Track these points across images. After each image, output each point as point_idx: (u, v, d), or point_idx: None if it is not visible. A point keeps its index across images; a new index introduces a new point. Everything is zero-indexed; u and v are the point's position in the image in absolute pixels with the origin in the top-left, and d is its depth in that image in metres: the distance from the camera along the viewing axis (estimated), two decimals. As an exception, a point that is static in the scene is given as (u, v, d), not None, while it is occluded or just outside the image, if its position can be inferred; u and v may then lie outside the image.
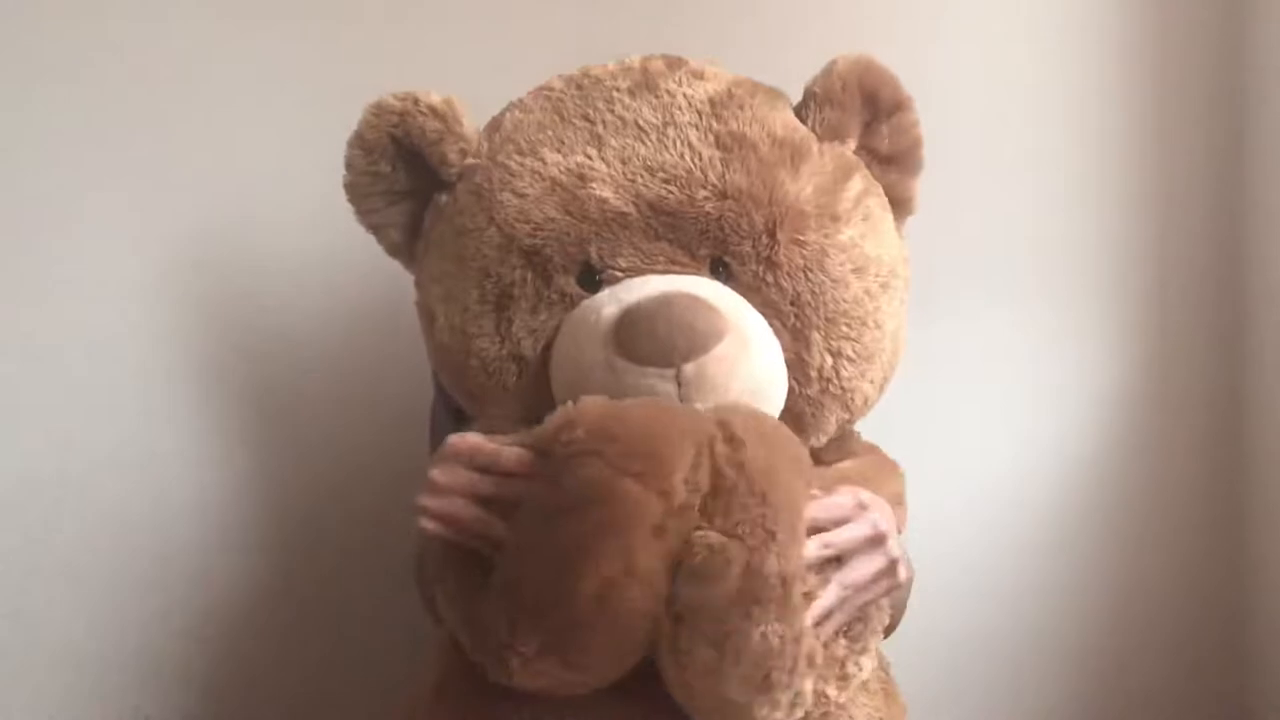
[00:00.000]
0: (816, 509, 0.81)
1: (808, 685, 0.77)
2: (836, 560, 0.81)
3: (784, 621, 0.74)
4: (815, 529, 0.80)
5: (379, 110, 0.92)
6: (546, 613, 0.75)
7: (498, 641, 0.77)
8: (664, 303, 0.81)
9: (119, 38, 1.18)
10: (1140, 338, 1.28)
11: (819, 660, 0.78)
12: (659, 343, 0.79)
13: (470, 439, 0.82)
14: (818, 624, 0.79)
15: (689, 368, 0.80)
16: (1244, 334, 1.27)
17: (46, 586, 1.20)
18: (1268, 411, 1.25)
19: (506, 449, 0.80)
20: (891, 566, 0.84)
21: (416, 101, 0.91)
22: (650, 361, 0.80)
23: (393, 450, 1.13)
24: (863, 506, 0.84)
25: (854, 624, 0.84)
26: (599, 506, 0.74)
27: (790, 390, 0.87)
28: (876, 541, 0.83)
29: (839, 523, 0.82)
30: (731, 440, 0.76)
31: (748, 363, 0.82)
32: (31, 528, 1.19)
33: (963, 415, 1.27)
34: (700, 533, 0.74)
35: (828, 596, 0.80)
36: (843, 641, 0.83)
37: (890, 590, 0.85)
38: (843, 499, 0.83)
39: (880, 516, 0.84)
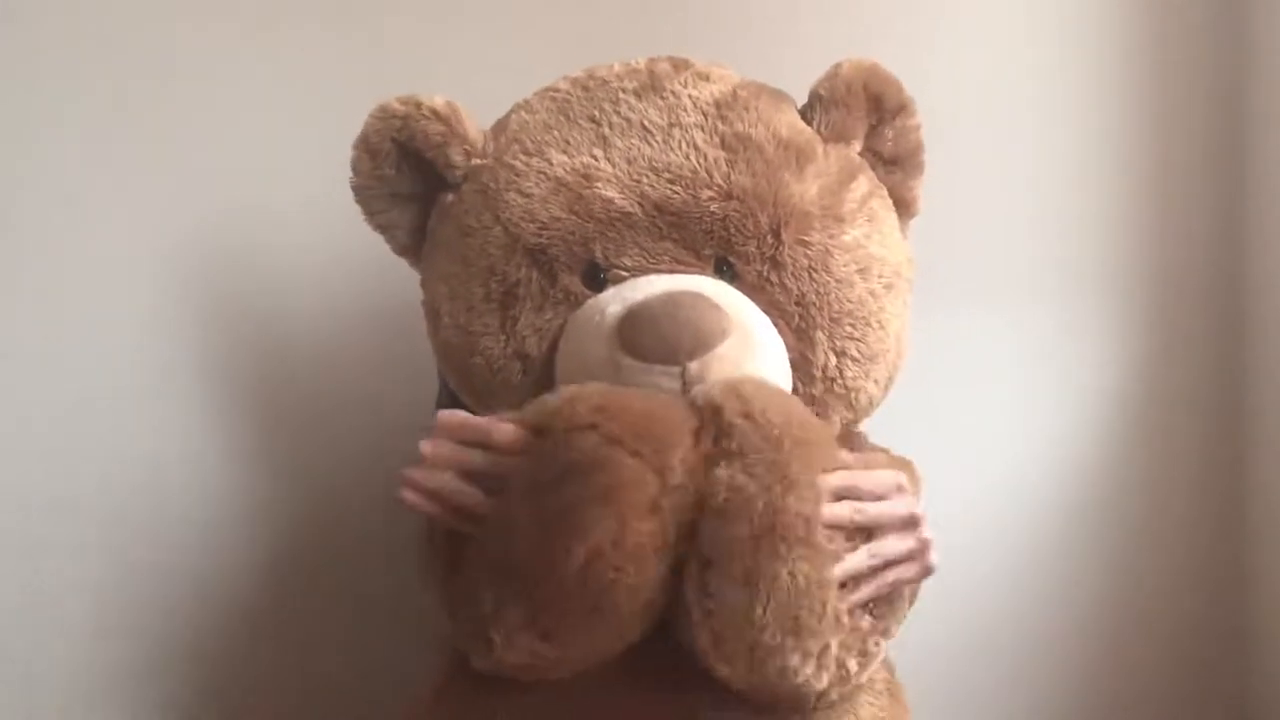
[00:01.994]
0: (858, 477, 0.81)
1: (834, 644, 0.77)
2: (868, 533, 0.81)
3: (810, 563, 0.75)
4: (853, 496, 0.81)
5: (382, 114, 0.93)
6: (531, 583, 0.75)
7: (479, 616, 0.77)
8: (669, 301, 0.81)
9: (122, 37, 1.18)
10: (1140, 337, 1.28)
11: (845, 625, 0.78)
12: (664, 341, 0.80)
13: (460, 414, 0.83)
14: (844, 586, 0.79)
15: (694, 366, 0.80)
16: (1244, 334, 1.27)
17: (49, 589, 1.19)
18: (1268, 411, 1.26)
19: (499, 425, 0.80)
20: (924, 549, 0.84)
21: (419, 105, 0.92)
22: (655, 359, 0.80)
23: (398, 451, 1.12)
24: (902, 489, 0.84)
25: (880, 602, 0.84)
26: (594, 475, 0.74)
27: (794, 390, 0.88)
28: (911, 523, 0.84)
29: (877, 497, 0.82)
30: (741, 395, 0.77)
31: (752, 361, 0.82)
32: (33, 529, 1.19)
33: (962, 415, 1.27)
34: (720, 472, 0.75)
35: (856, 558, 0.80)
36: (868, 617, 0.83)
37: (922, 575, 0.85)
38: (885, 476, 0.84)
39: (917, 503, 0.85)
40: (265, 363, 1.23)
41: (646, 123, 0.90)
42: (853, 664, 0.81)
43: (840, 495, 0.79)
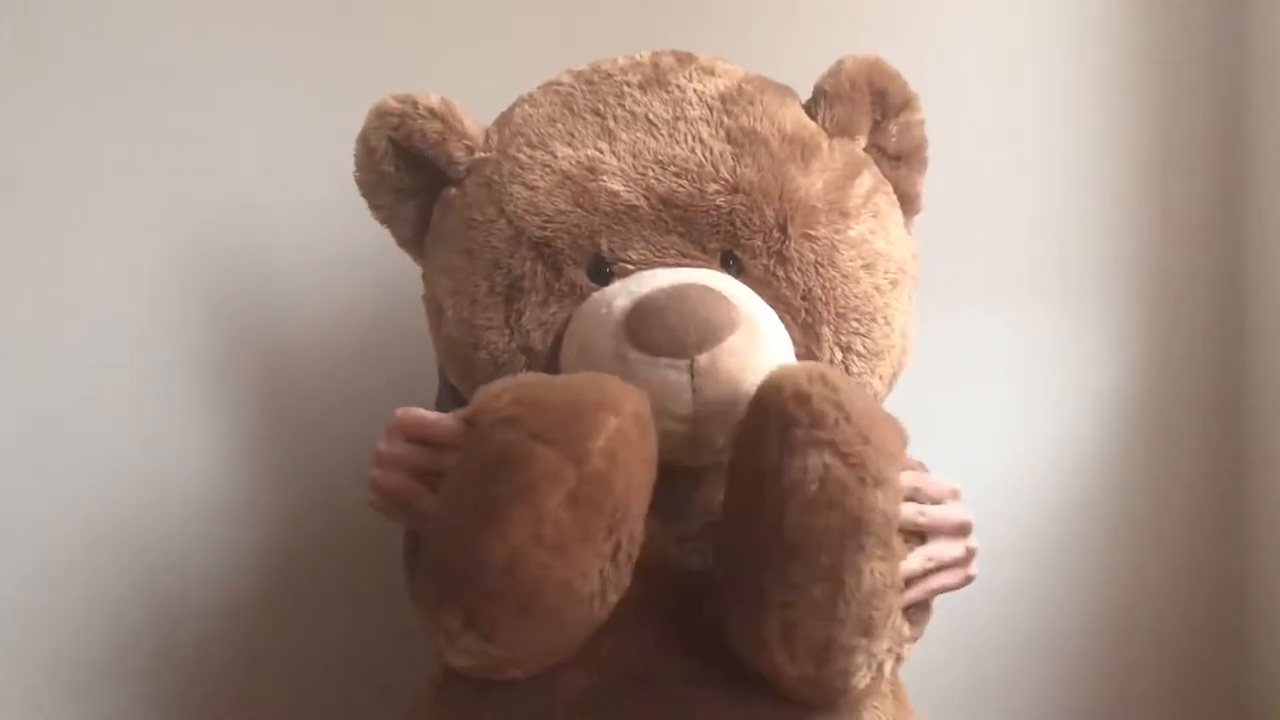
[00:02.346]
0: (920, 480, 0.82)
1: (884, 645, 0.77)
2: (920, 537, 0.82)
3: (887, 563, 0.74)
4: (919, 498, 0.81)
5: (379, 114, 0.92)
6: (462, 584, 0.74)
7: (430, 620, 0.76)
8: (677, 294, 0.81)
9: (121, 37, 1.18)
10: (1140, 337, 1.28)
11: (899, 628, 0.79)
12: (672, 333, 0.79)
13: (412, 411, 0.82)
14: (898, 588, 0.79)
15: (702, 359, 0.79)
16: (1244, 334, 1.28)
17: (49, 589, 1.19)
18: (1268, 411, 1.26)
19: (439, 420, 0.79)
20: (969, 557, 0.85)
21: (415, 104, 0.92)
22: (663, 352, 0.79)
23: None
24: (956, 494, 0.85)
25: (918, 608, 0.84)
26: (510, 472, 0.72)
27: (800, 385, 0.88)
28: (963, 530, 0.85)
29: (935, 501, 0.83)
30: (826, 383, 0.74)
31: (760, 354, 0.82)
32: (34, 529, 1.19)
33: (962, 415, 1.27)
34: (814, 461, 0.72)
35: (913, 560, 0.80)
36: (907, 623, 0.82)
37: (964, 583, 0.86)
38: (943, 482, 0.85)
39: (968, 511, 0.86)
40: (265, 361, 1.23)
41: (651, 116, 0.89)
42: (888, 667, 0.81)
43: (908, 496, 0.80)
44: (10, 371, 1.18)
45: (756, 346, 0.82)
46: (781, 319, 0.86)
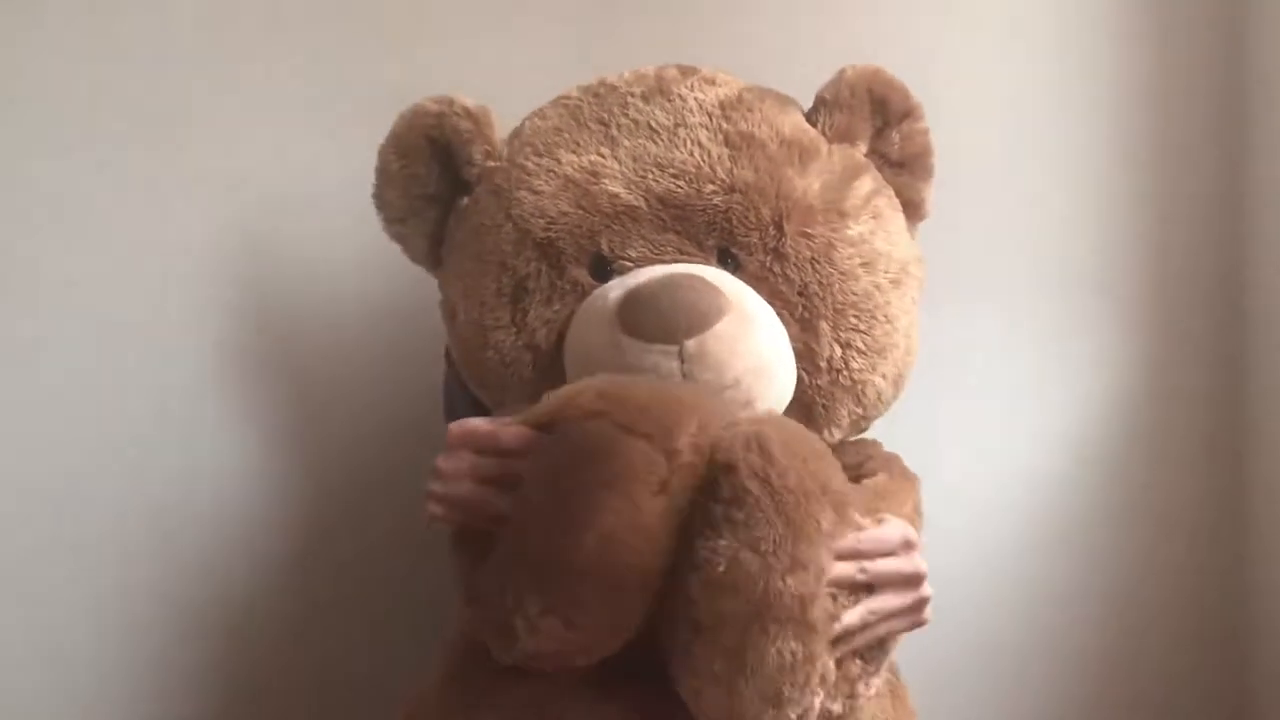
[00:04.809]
0: (863, 541, 0.81)
1: (816, 702, 0.77)
2: (869, 588, 0.81)
3: (800, 640, 0.74)
4: (860, 557, 0.81)
5: (417, 112, 0.97)
6: (549, 569, 0.76)
7: (502, 609, 0.78)
8: (668, 282, 0.84)
9: (133, 38, 1.19)
10: (1140, 337, 1.27)
11: (831, 679, 0.78)
12: (662, 319, 0.82)
13: (467, 424, 0.85)
14: (836, 640, 0.79)
15: (691, 344, 0.82)
16: (1244, 333, 1.26)
17: (52, 589, 1.21)
18: (1268, 410, 1.24)
19: (504, 428, 0.82)
20: (920, 605, 0.85)
21: (452, 103, 0.96)
22: (654, 338, 0.82)
23: (406, 452, 1.13)
24: (909, 545, 0.84)
25: (871, 648, 0.84)
26: (604, 460, 0.75)
27: (801, 380, 0.89)
28: (913, 582, 0.84)
29: (884, 555, 0.82)
30: (763, 453, 0.75)
31: (750, 340, 0.84)
32: (37, 530, 1.20)
33: (962, 415, 1.26)
34: (725, 543, 0.74)
35: (852, 615, 0.80)
36: (858, 662, 0.83)
37: (913, 627, 0.86)
38: (891, 534, 0.83)
39: (921, 558, 0.85)
40: (280, 364, 1.23)
41: (653, 123, 0.93)
42: (838, 707, 0.81)
43: (846, 557, 0.80)
44: (21, 371, 1.19)
45: (746, 332, 0.84)
46: (779, 315, 0.88)
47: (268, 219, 1.21)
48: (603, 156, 0.92)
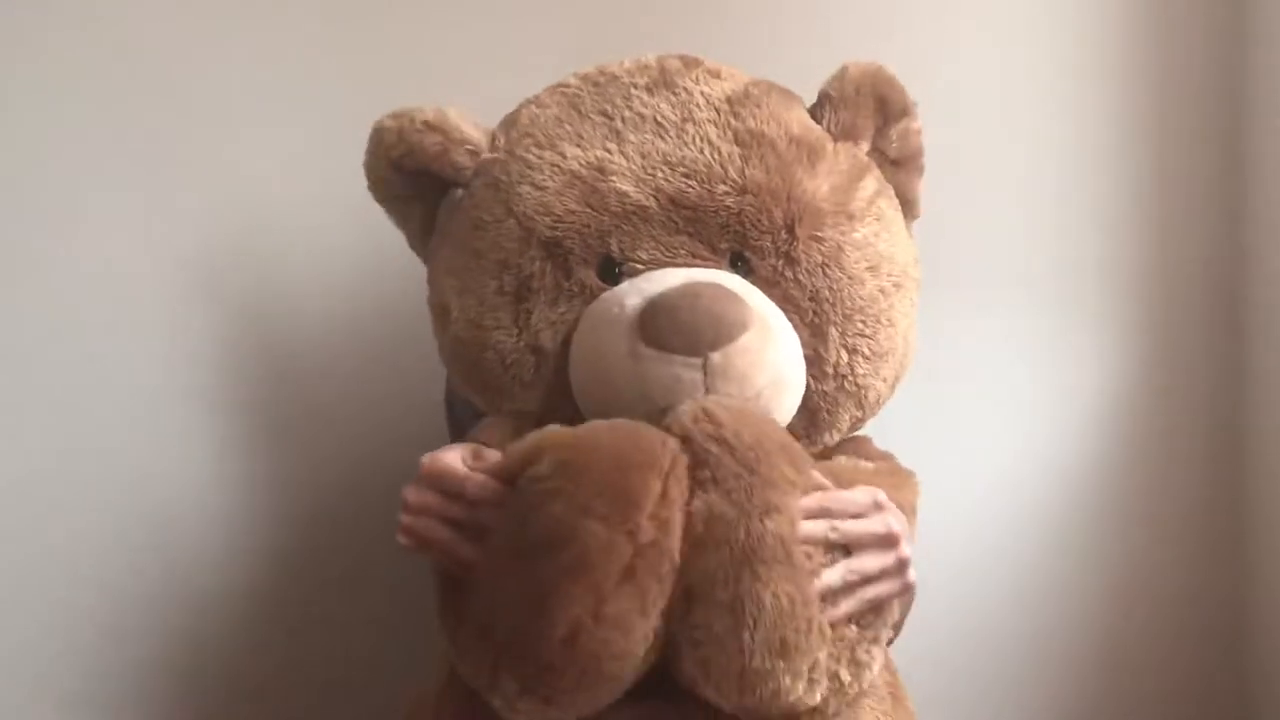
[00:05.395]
0: (830, 499, 0.81)
1: (823, 657, 0.77)
2: (845, 550, 0.81)
3: (792, 583, 0.75)
4: (828, 516, 0.80)
5: (377, 137, 0.92)
6: (520, 655, 0.75)
7: (483, 680, 0.77)
8: (691, 292, 0.81)
9: (127, 38, 1.18)
10: (1139, 338, 1.29)
11: (829, 633, 0.78)
12: (686, 331, 0.80)
13: (440, 462, 0.82)
14: (824, 599, 0.79)
15: (716, 357, 0.80)
16: (1244, 334, 1.28)
17: (50, 588, 1.19)
18: (1268, 412, 1.26)
19: (473, 477, 0.80)
20: (901, 566, 0.84)
21: (411, 120, 0.91)
22: (677, 350, 0.80)
23: (400, 456, 1.12)
24: (879, 506, 0.84)
25: (870, 614, 0.83)
26: (564, 549, 0.73)
27: (807, 386, 0.88)
28: (888, 541, 0.83)
29: (853, 515, 0.82)
30: (711, 419, 0.76)
31: (771, 353, 0.83)
32: (33, 530, 1.19)
33: (962, 415, 1.27)
34: (698, 503, 0.75)
35: (832, 574, 0.80)
36: (853, 627, 0.82)
37: (901, 591, 0.85)
38: (859, 495, 0.83)
39: (895, 519, 0.84)
40: (272, 366, 1.23)
41: (659, 118, 0.90)
42: (845, 674, 0.81)
43: (815, 515, 0.80)
44: (16, 372, 1.18)
45: (768, 345, 0.83)
46: (789, 319, 0.87)
47: (261, 218, 1.20)
48: (609, 152, 0.89)
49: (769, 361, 0.82)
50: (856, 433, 0.98)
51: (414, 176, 0.93)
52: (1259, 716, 1.30)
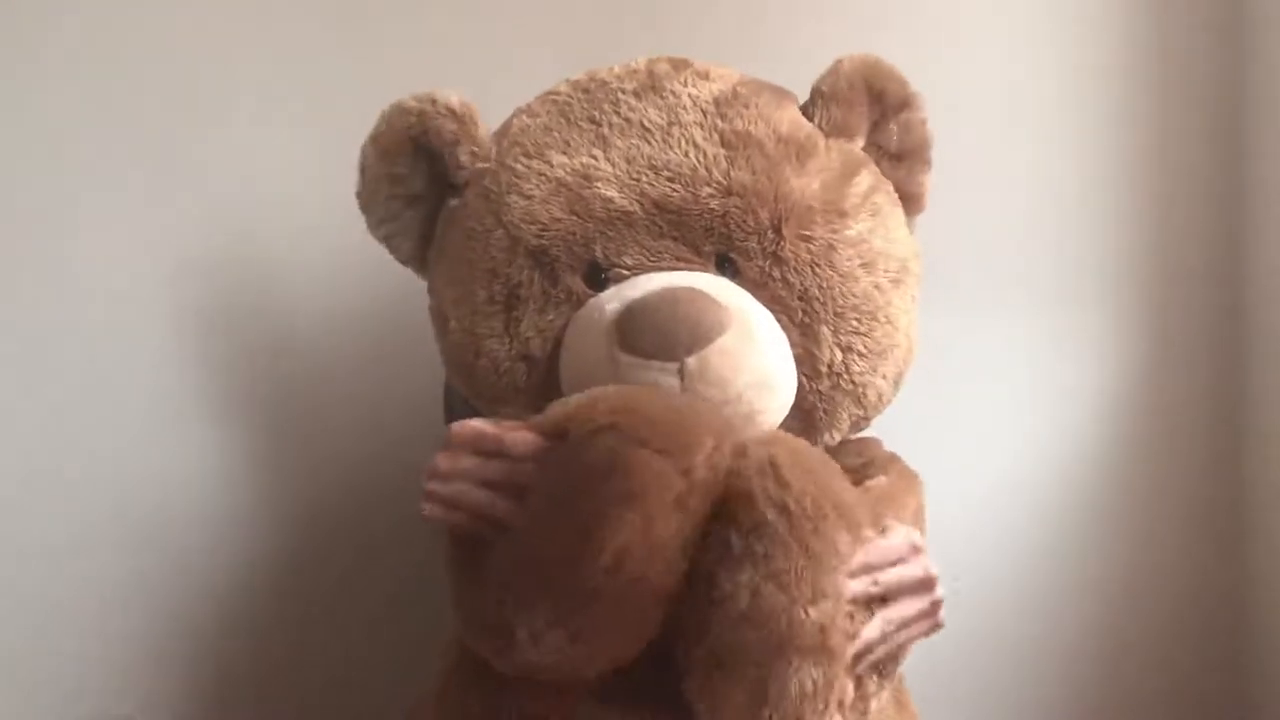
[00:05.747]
0: (872, 553, 0.80)
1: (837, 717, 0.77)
2: (883, 599, 0.81)
3: (821, 667, 0.74)
4: (871, 571, 0.80)
5: (398, 111, 0.93)
6: (559, 584, 0.75)
7: (502, 618, 0.77)
8: (666, 296, 0.81)
9: (127, 38, 1.19)
10: (1140, 338, 1.27)
11: (849, 700, 0.78)
12: (661, 336, 0.79)
13: (472, 424, 0.82)
14: (857, 657, 0.79)
15: (691, 361, 0.79)
16: (1244, 335, 1.26)
17: (49, 588, 1.21)
18: (1267, 413, 1.24)
19: (512, 434, 0.80)
20: (934, 608, 0.84)
21: (434, 102, 0.92)
22: (653, 355, 0.80)
23: (400, 456, 1.13)
24: (916, 549, 0.84)
25: (887, 660, 0.83)
26: (619, 476, 0.73)
27: (800, 386, 0.87)
28: (926, 585, 0.83)
29: (893, 565, 0.82)
30: (778, 479, 0.75)
31: (752, 355, 0.82)
32: (33, 530, 1.20)
33: (962, 415, 1.26)
34: (746, 576, 0.73)
35: (871, 630, 0.80)
36: (874, 678, 0.83)
37: (930, 632, 0.85)
38: (898, 542, 0.83)
39: (929, 561, 0.84)
40: (272, 366, 1.23)
41: (646, 122, 0.90)
42: (853, 717, 0.81)
43: (858, 574, 0.79)
44: (15, 373, 1.19)
45: (748, 347, 0.82)
46: (779, 320, 0.86)
47: (261, 218, 1.21)
48: (595, 159, 0.89)
49: (749, 364, 0.81)
50: (863, 433, 0.97)
51: (423, 168, 0.93)
52: (1259, 716, 1.28)
